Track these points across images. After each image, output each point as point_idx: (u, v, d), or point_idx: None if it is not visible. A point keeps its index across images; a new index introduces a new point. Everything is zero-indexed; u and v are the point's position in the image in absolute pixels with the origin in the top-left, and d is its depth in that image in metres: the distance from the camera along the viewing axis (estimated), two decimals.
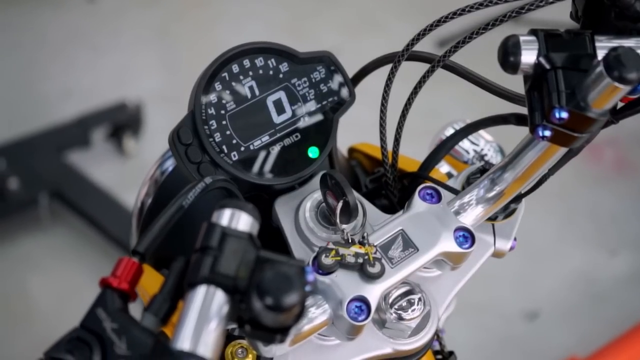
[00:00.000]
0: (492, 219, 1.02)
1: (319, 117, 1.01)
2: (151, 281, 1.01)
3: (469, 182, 1.02)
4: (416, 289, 0.96)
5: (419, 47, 0.97)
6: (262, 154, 0.99)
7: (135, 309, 0.74)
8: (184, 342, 0.67)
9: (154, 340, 0.69)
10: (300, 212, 0.99)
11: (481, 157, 1.19)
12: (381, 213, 1.00)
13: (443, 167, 1.18)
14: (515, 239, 1.03)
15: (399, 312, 0.94)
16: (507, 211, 1.02)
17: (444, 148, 1.05)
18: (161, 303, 0.72)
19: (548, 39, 0.83)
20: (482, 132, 1.23)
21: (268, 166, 0.99)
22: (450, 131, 1.16)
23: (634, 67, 0.75)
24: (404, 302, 0.95)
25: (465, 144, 1.21)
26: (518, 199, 1.00)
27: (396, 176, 1.06)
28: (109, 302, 0.72)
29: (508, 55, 0.82)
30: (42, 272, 2.74)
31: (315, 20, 3.62)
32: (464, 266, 0.98)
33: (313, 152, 1.00)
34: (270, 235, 1.02)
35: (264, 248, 0.96)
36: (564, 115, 0.80)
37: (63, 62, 3.35)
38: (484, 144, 1.20)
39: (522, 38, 0.82)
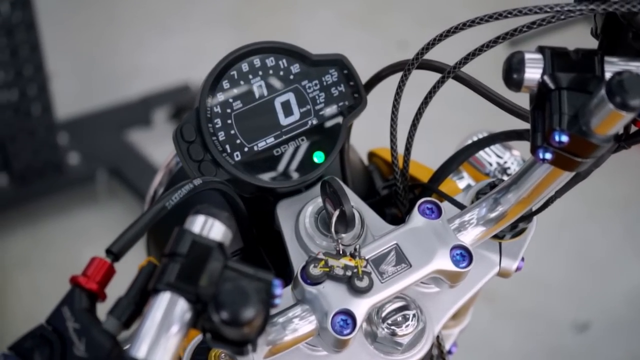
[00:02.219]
0: (500, 237, 0.98)
1: (327, 122, 0.99)
2: None
3: (478, 198, 0.98)
4: (412, 304, 0.94)
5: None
6: (266, 156, 0.97)
7: None
8: (139, 350, 0.67)
9: (112, 344, 0.69)
10: (301, 217, 0.97)
11: (504, 170, 1.15)
12: (385, 224, 0.98)
13: (464, 180, 1.15)
14: (523, 260, 0.99)
15: (392, 327, 0.92)
16: (516, 230, 0.98)
17: (456, 161, 1.02)
18: (125, 307, 0.71)
19: (555, 57, 0.79)
20: (510, 144, 1.19)
21: (271, 169, 0.97)
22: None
23: (638, 94, 0.71)
24: (398, 317, 0.93)
25: (491, 156, 1.17)
26: (526, 218, 0.96)
27: (406, 186, 1.03)
28: (75, 301, 0.72)
29: (511, 71, 0.79)
30: (96, 247, 2.77)
31: (387, 11, 3.58)
32: (464, 284, 0.94)
33: (319, 156, 0.98)
34: (275, 239, 1.00)
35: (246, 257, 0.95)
36: (564, 139, 0.76)
37: (133, 40, 3.40)
38: (509, 157, 1.16)
39: (527, 55, 0.79)
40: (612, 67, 0.80)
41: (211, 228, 0.72)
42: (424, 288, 0.96)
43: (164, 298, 0.69)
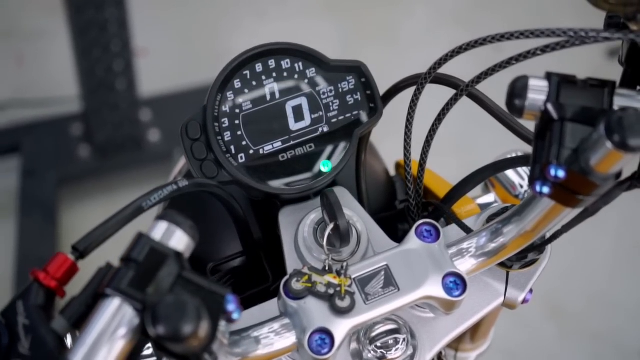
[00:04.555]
0: (508, 266, 0.93)
1: (339, 130, 0.95)
2: None
3: (489, 222, 0.93)
4: (403, 328, 0.90)
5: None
6: (271, 161, 0.93)
7: None
8: (77, 355, 0.65)
9: (56, 345, 0.67)
10: (301, 226, 0.93)
11: None
12: (390, 241, 0.94)
13: (489, 200, 1.09)
14: (531, 292, 0.94)
15: (381, 349, 0.89)
16: (526, 261, 0.93)
17: (471, 182, 0.97)
18: (76, 308, 0.69)
19: (562, 85, 0.74)
20: None
21: (276, 174, 0.93)
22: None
23: (638, 133, 0.65)
24: (389, 340, 0.89)
25: (524, 178, 1.12)
26: (535, 249, 0.91)
27: (419, 203, 0.99)
28: (32, 296, 0.71)
29: (514, 97, 0.74)
30: None
31: (485, 11, 3.49)
32: (463, 313, 0.90)
33: (326, 165, 0.94)
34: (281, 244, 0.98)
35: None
36: (561, 174, 0.71)
37: (228, 23, 3.41)
38: None
39: (531, 81, 0.74)
40: (623, 100, 0.74)
41: (172, 236, 0.70)
42: (421, 312, 0.92)
43: (112, 304, 0.67)
